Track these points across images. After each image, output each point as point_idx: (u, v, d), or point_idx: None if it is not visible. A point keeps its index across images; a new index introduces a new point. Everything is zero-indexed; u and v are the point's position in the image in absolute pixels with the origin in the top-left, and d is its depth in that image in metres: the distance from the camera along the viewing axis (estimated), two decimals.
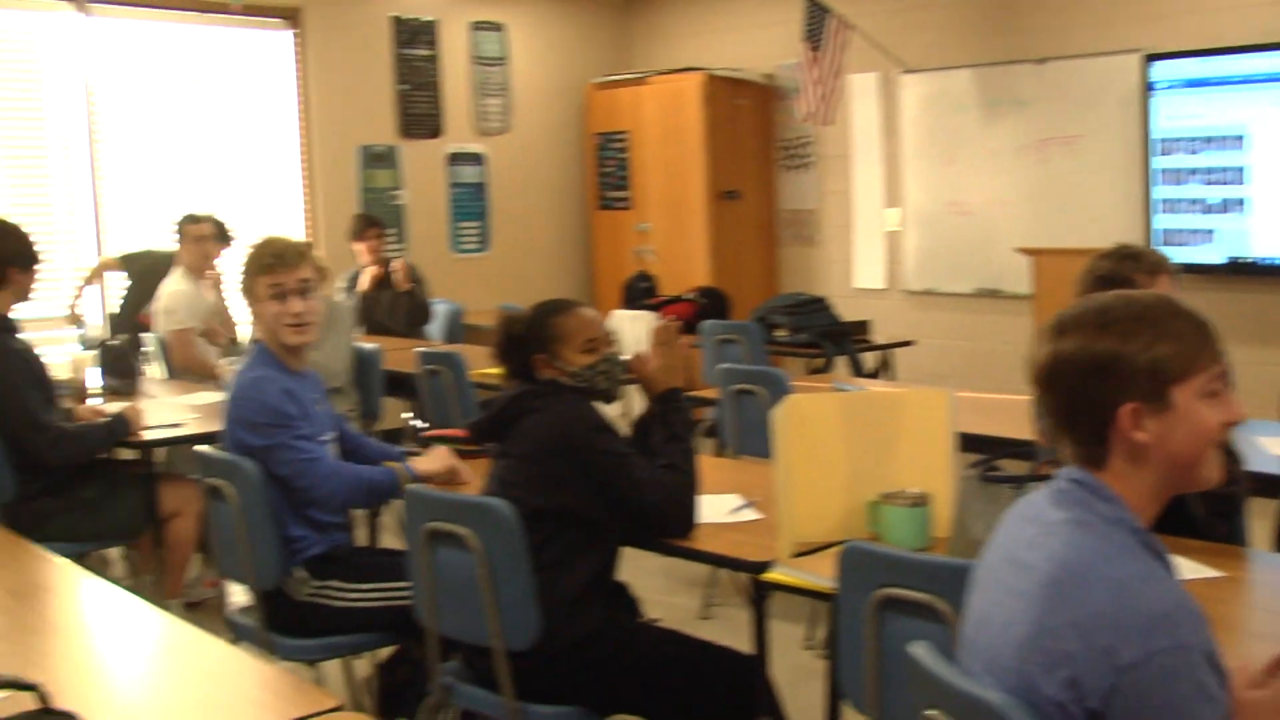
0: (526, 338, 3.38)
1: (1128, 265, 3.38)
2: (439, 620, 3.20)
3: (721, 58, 9.58)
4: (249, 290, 3.77)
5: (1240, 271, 7.29)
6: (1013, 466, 3.02)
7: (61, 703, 1.90)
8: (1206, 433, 1.85)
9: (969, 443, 3.57)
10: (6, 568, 3.18)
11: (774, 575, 3.01)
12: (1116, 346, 1.83)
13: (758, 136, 9.62)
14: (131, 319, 7.13)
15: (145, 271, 7.28)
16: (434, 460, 3.82)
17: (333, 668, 4.06)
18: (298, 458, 3.61)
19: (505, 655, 3.04)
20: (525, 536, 3.02)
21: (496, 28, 9.77)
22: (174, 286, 6.64)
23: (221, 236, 6.94)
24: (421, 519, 3.16)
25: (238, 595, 3.95)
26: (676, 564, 5.29)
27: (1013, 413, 4.23)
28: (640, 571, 3.45)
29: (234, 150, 8.64)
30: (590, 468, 3.17)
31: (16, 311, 4.79)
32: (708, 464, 3.83)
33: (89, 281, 7.57)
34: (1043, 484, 2.85)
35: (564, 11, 10.12)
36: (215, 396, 5.57)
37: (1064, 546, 1.80)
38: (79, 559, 3.29)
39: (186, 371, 6.45)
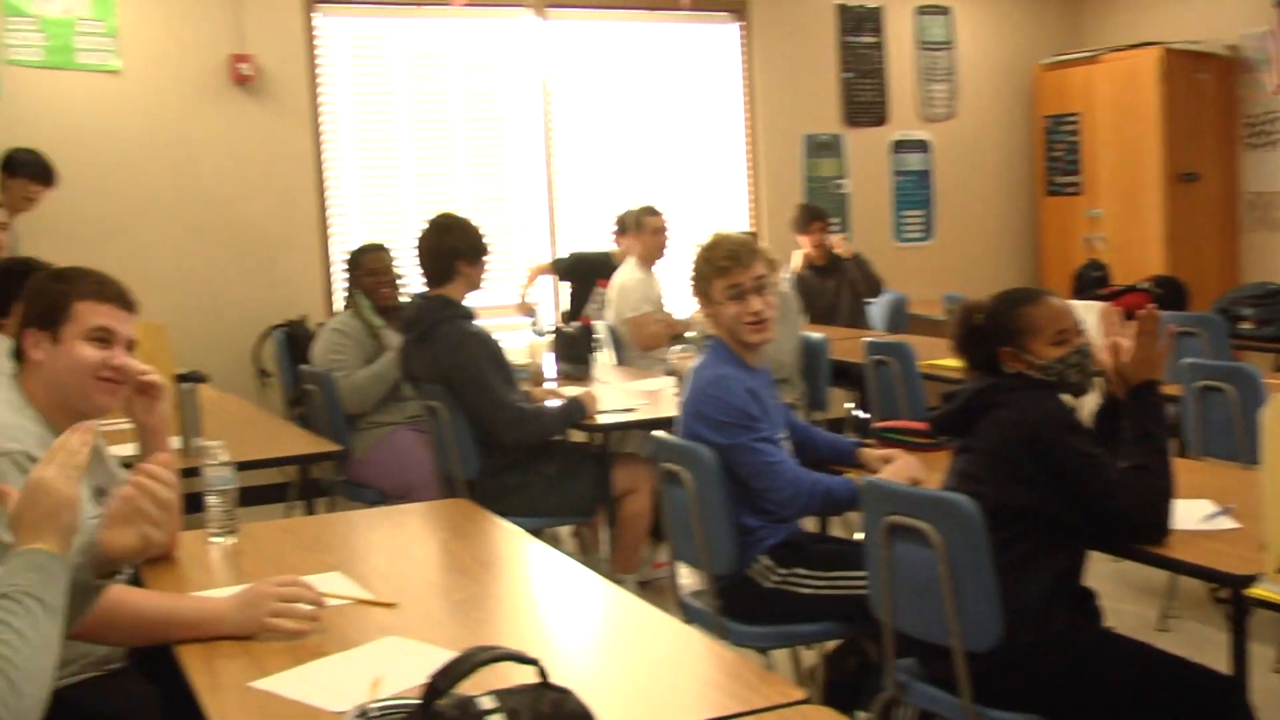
0: (991, 329, 3.26)
1: None
2: (895, 616, 3.14)
3: (1180, 30, 9.07)
4: (703, 292, 3.78)
5: None
6: None
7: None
8: None
9: None
10: (474, 538, 3.33)
11: (1260, 591, 2.78)
12: None
13: (1219, 113, 9.05)
14: (576, 316, 7.45)
15: (575, 271, 7.64)
16: (898, 472, 3.72)
17: (780, 656, 4.07)
18: (759, 460, 3.61)
19: (964, 656, 2.95)
20: (988, 534, 2.91)
21: (943, 11, 9.59)
22: (626, 276, 6.89)
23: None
24: (881, 512, 3.10)
25: (687, 578, 4.01)
26: (1127, 569, 5.06)
27: None
28: (1090, 575, 3.27)
29: (680, 144, 8.85)
30: (1060, 468, 3.03)
31: (470, 300, 5.10)
32: (1176, 466, 3.60)
33: (530, 279, 7.91)
34: None
35: None
36: (664, 382, 5.73)
37: None
38: (534, 534, 3.41)
39: (646, 354, 6.67)
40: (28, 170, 6.21)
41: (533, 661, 1.81)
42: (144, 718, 2.67)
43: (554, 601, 2.89)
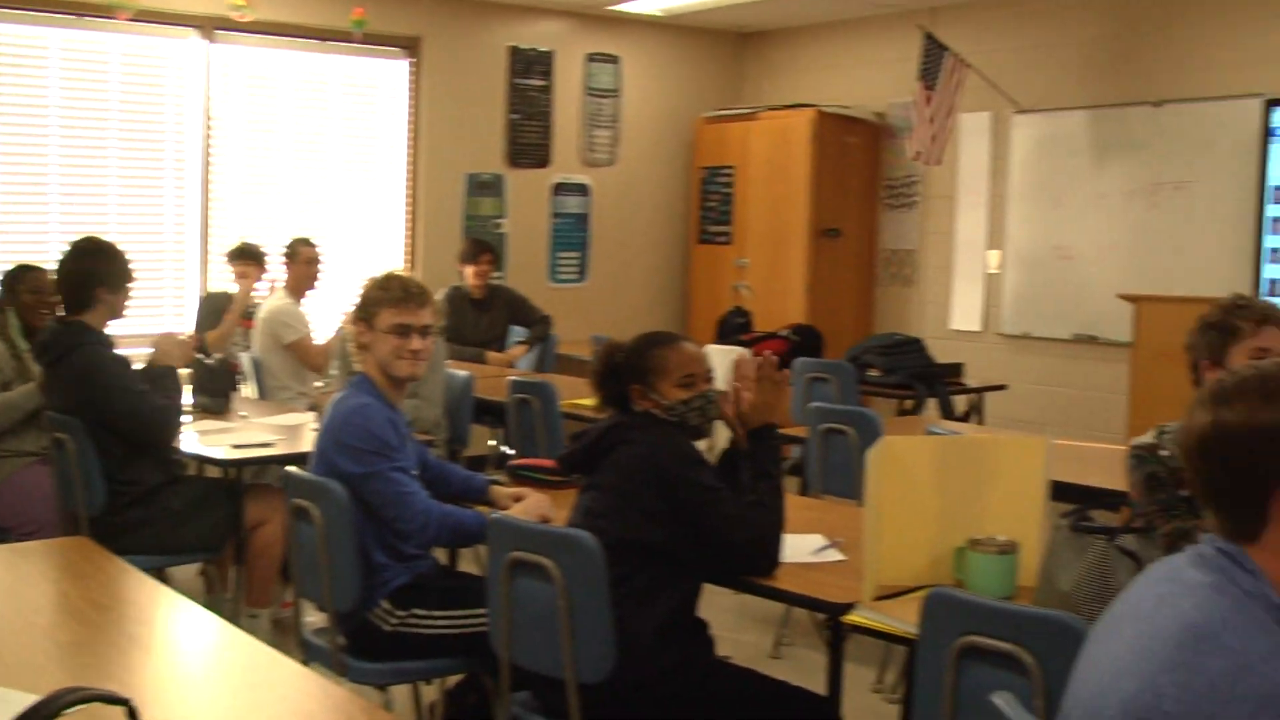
0: (626, 367, 3.36)
1: (1236, 314, 3.34)
2: (513, 650, 3.18)
3: (834, 94, 9.54)
4: (368, 319, 3.76)
5: None
6: (1105, 518, 2.94)
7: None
8: None
9: (1061, 491, 3.49)
10: (92, 579, 3.20)
11: (855, 617, 2.95)
12: None
13: (863, 174, 9.55)
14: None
15: (205, 310, 7.51)
16: (528, 509, 3.76)
17: (402, 693, 4.06)
18: (394, 490, 3.61)
19: (577, 688, 3.01)
20: (608, 569, 2.99)
21: (612, 60, 9.81)
22: (277, 304, 6.81)
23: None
24: (505, 548, 3.14)
25: (313, 616, 3.95)
26: (748, 602, 5.28)
27: (1107, 462, 4.14)
28: (712, 608, 3.40)
29: (342, 177, 8.76)
30: (680, 501, 3.13)
31: (111, 328, 4.95)
32: (795, 503, 3.77)
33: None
34: (1134, 536, 2.81)
35: (678, 45, 10.15)
36: (305, 418, 5.66)
37: (1194, 609, 1.72)
38: (160, 573, 3.31)
39: (318, 368, 6.58)
40: None
41: (123, 701, 1.76)
42: None
43: (163, 643, 2.81)
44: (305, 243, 7.02)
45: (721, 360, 7.21)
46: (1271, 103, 7.36)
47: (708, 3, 9.08)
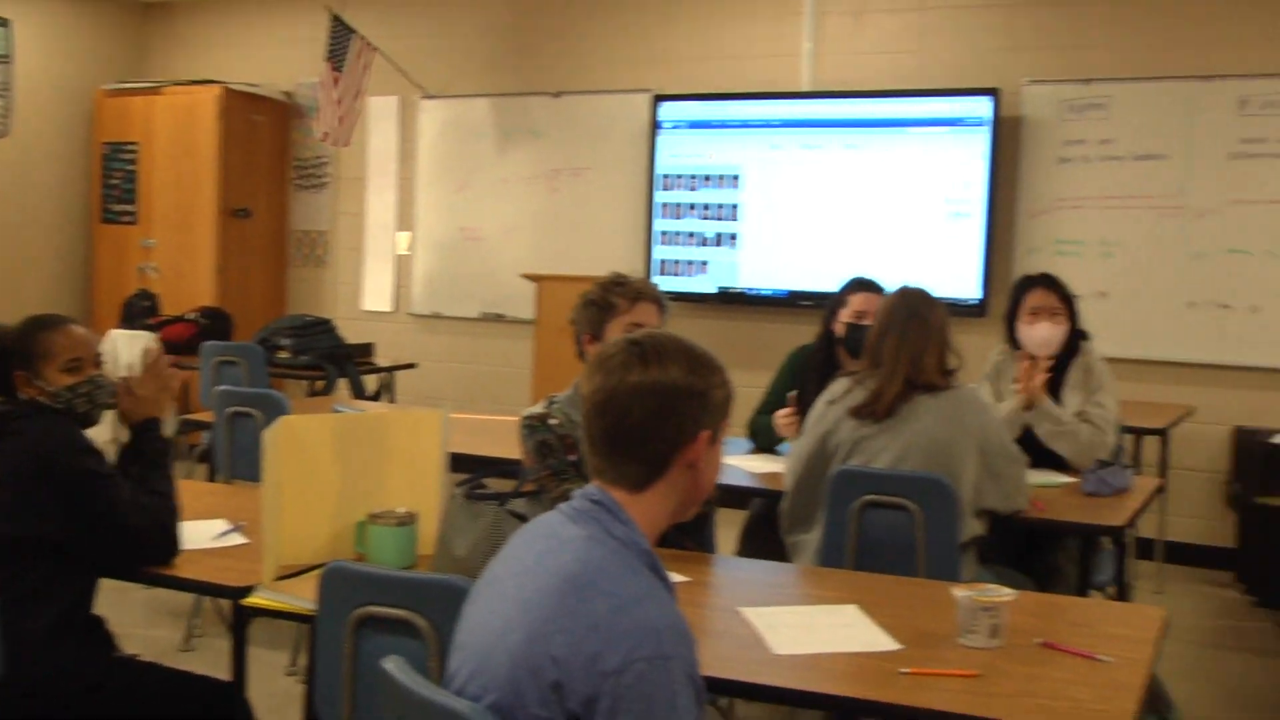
0: (10, 353, 3.18)
1: (614, 291, 3.59)
2: None
3: (240, 72, 9.39)
4: None
5: (730, 300, 7.80)
6: (500, 485, 3.09)
7: None
8: (718, 470, 2.08)
9: (461, 462, 3.63)
10: None
11: (254, 599, 2.96)
12: (706, 379, 2.00)
13: (273, 154, 9.47)
14: None
15: None
16: None
17: None
18: None
19: None
20: None
21: (2, 23, 9.15)
22: None
23: None
24: None
25: None
26: (159, 595, 5.19)
27: (504, 433, 4.33)
28: (121, 604, 3.31)
29: None
30: (71, 492, 3.01)
31: None
32: (199, 489, 3.73)
33: None
34: (525, 500, 2.99)
35: (77, 11, 9.64)
36: None
37: (573, 560, 1.88)
38: None
39: None
40: None
41: None
42: None
43: None
44: None
45: (127, 346, 7.04)
46: (659, 98, 7.96)
47: None
